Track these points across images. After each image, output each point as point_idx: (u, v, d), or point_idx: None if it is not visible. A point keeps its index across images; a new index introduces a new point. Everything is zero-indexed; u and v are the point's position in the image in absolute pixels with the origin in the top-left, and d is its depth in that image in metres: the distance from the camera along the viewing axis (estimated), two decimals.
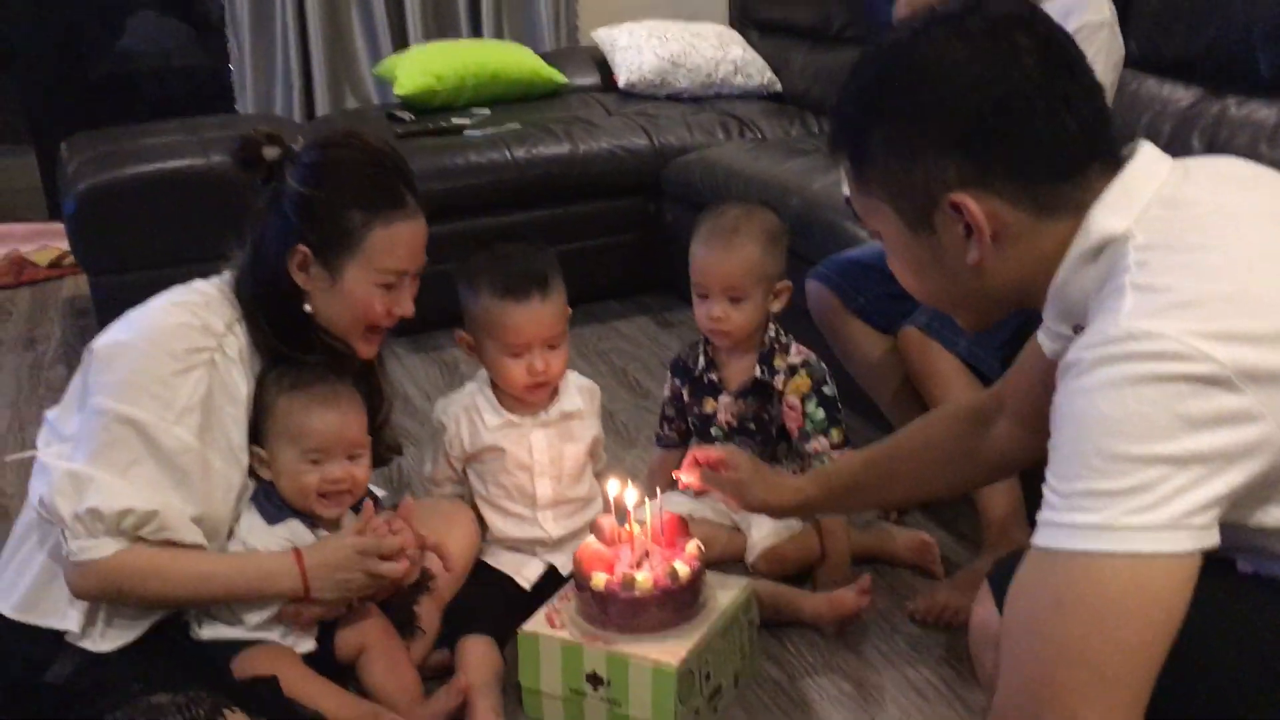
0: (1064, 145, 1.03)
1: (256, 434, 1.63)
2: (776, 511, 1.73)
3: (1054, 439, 0.97)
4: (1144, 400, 0.90)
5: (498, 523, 1.90)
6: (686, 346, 2.14)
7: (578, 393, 1.94)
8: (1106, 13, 1.98)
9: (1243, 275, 0.95)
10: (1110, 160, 1.05)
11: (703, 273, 1.97)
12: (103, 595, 1.51)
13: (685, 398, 2.09)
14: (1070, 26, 1.72)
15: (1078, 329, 1.06)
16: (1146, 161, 1.05)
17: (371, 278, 1.60)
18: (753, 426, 2.02)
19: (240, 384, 1.60)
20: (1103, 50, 1.96)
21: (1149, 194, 1.02)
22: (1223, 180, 1.07)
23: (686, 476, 1.64)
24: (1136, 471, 0.90)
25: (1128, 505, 0.90)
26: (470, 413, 1.89)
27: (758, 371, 2.00)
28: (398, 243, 1.61)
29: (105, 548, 1.47)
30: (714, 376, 2.05)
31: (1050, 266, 1.07)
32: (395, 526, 1.62)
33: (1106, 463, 0.91)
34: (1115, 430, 0.91)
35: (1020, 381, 1.38)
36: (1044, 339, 1.19)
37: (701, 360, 2.06)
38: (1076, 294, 1.06)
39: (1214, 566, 0.94)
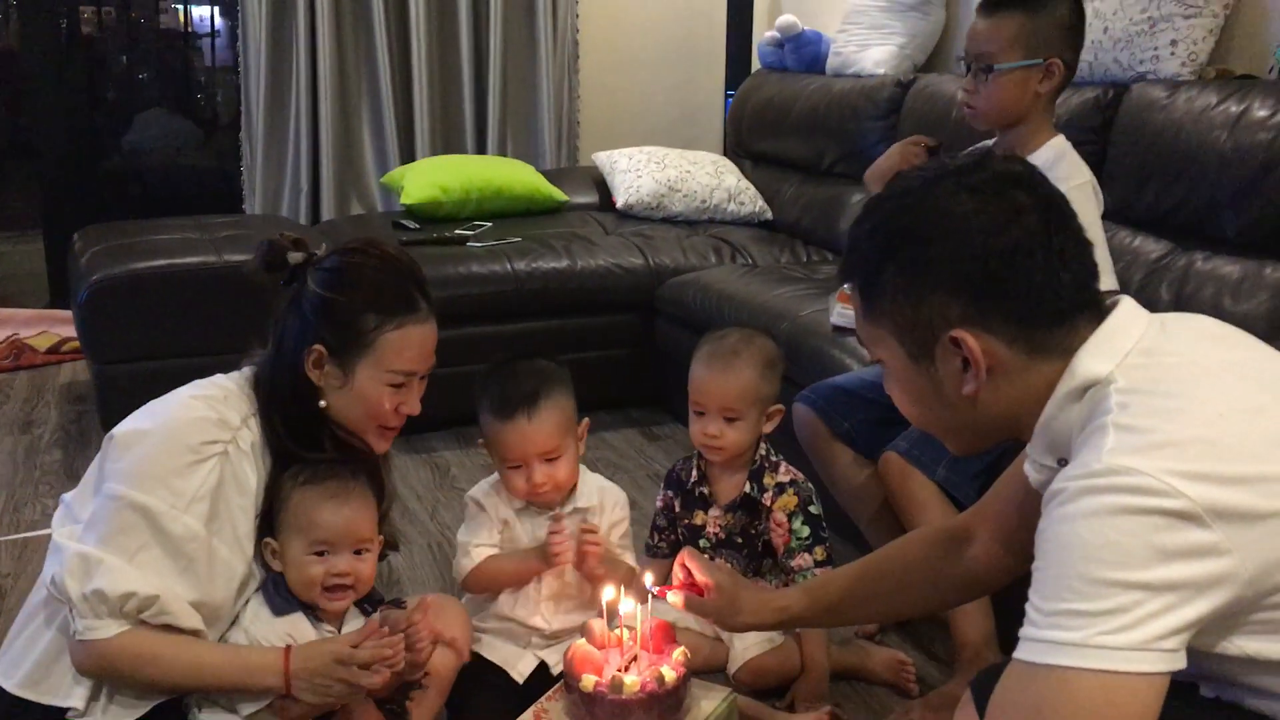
0: (1058, 295, 1.14)
1: (272, 525, 1.68)
2: (760, 629, 1.78)
3: (1038, 561, 1.06)
4: (1122, 530, 0.99)
5: (503, 597, 1.97)
6: (680, 459, 2.23)
7: (595, 491, 2.02)
8: (1087, 174, 2.13)
9: (1214, 423, 1.04)
10: (1096, 311, 1.16)
11: (701, 392, 2.07)
12: (103, 674, 1.55)
13: (676, 509, 2.17)
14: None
15: (1061, 462, 1.15)
16: (1127, 313, 1.16)
17: (382, 377, 1.67)
18: (740, 540, 2.10)
19: (250, 476, 1.65)
20: (1091, 204, 2.11)
21: (1130, 343, 1.13)
22: (1196, 335, 1.18)
23: (673, 597, 1.68)
24: (1113, 595, 0.98)
25: (1104, 626, 0.98)
26: (494, 494, 1.99)
27: (747, 487, 2.09)
28: (407, 345, 1.68)
29: (108, 629, 1.51)
30: (705, 490, 2.13)
31: (1037, 403, 1.16)
32: (383, 642, 1.62)
33: (1086, 585, 0.99)
34: (1095, 556, 0.99)
35: (998, 506, 1.47)
36: (1030, 470, 1.27)
37: (694, 473, 2.14)
38: (1061, 429, 1.15)
39: (1179, 689, 1.02)
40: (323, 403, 1.68)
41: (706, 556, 1.89)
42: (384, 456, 1.83)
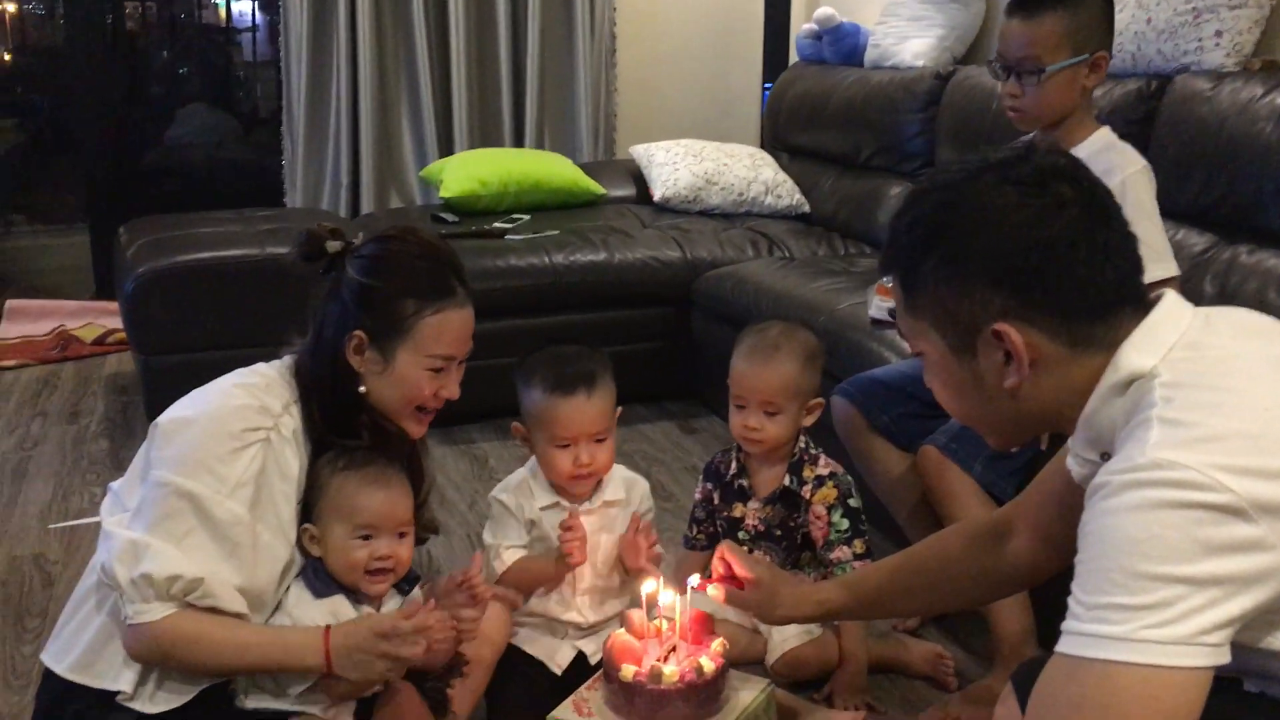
0: (1101, 288, 1.13)
1: (309, 512, 1.71)
2: (799, 622, 1.78)
3: (1081, 555, 1.05)
4: (1166, 524, 0.98)
5: (537, 596, 1.98)
6: (720, 451, 2.23)
7: (622, 484, 2.03)
8: (1141, 160, 2.11)
9: (1259, 417, 1.04)
10: (1140, 304, 1.16)
11: (742, 385, 2.07)
12: (152, 657, 1.58)
13: (715, 501, 2.18)
14: (1114, 181, 1.85)
15: (1104, 456, 1.15)
16: (1171, 307, 1.16)
17: (421, 362, 1.69)
18: (778, 533, 2.11)
19: (292, 462, 1.68)
20: (1148, 190, 2.09)
21: (1174, 336, 1.12)
22: (1240, 329, 1.17)
23: (713, 590, 1.68)
24: (1157, 589, 0.98)
25: (1147, 620, 0.98)
26: (520, 493, 1.99)
27: (787, 480, 2.09)
28: (446, 329, 1.70)
29: (156, 611, 1.54)
30: (744, 483, 2.14)
31: (1079, 397, 1.16)
32: (423, 616, 1.64)
33: (1129, 579, 0.99)
34: (1138, 550, 0.99)
35: (1039, 501, 1.46)
36: (1072, 464, 1.27)
37: (734, 466, 2.15)
38: (1105, 424, 1.15)
39: (1223, 685, 1.02)
40: (363, 388, 1.70)
41: (745, 549, 1.89)
42: (421, 443, 1.85)
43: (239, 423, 1.62)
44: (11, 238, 5.63)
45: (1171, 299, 1.17)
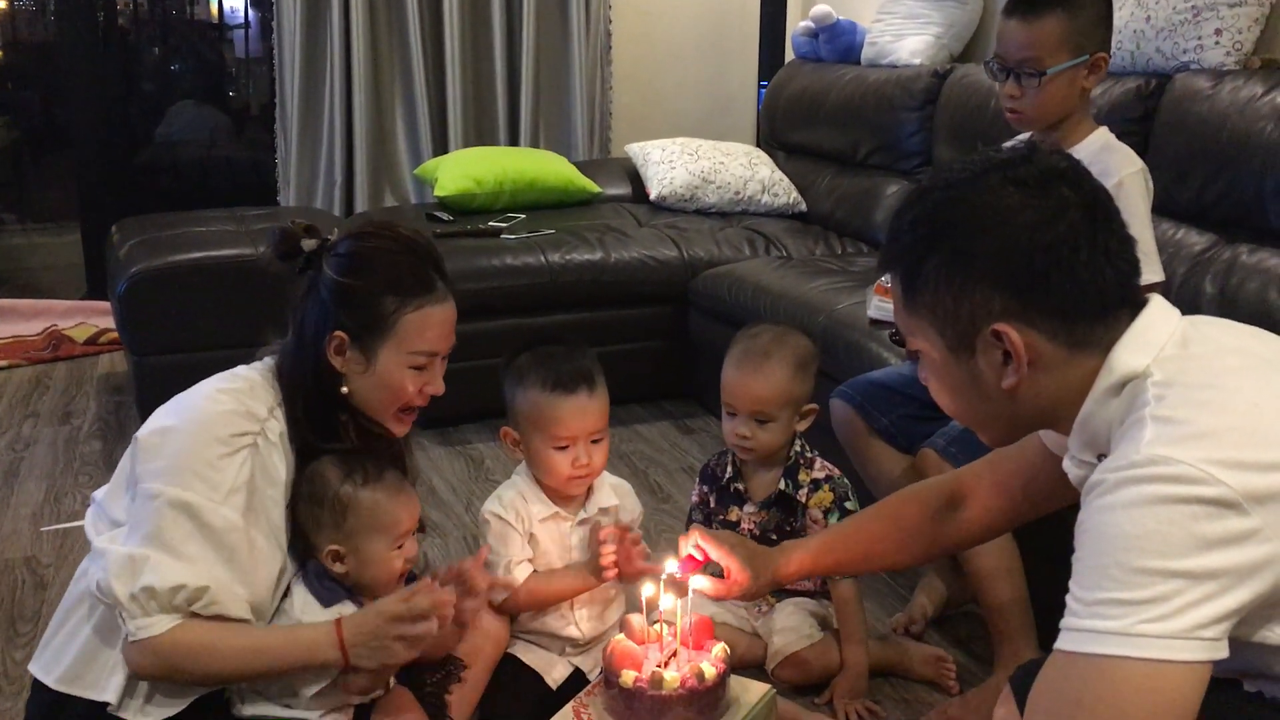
0: (1102, 291, 1.14)
1: (306, 528, 1.66)
2: (785, 580, 1.76)
3: (1078, 553, 1.06)
4: (1162, 519, 1.00)
5: (534, 612, 1.95)
6: (715, 455, 2.22)
7: (612, 490, 2.01)
8: (1139, 162, 2.10)
9: (1250, 411, 1.05)
10: (1134, 306, 1.17)
11: (732, 394, 2.05)
12: (160, 672, 1.55)
13: (711, 504, 2.16)
14: (1111, 182, 1.83)
15: (1101, 457, 1.15)
16: (1159, 309, 1.18)
17: (404, 360, 1.66)
18: (774, 537, 2.09)
19: (279, 466, 1.65)
20: (1143, 193, 2.08)
21: (1164, 337, 1.14)
22: (1224, 330, 1.20)
23: (699, 582, 1.67)
24: (1154, 584, 0.99)
25: (1145, 615, 0.99)
26: (518, 505, 1.94)
27: (782, 484, 2.08)
28: (428, 326, 1.67)
29: (160, 624, 1.51)
30: (740, 486, 2.12)
31: (1075, 396, 1.17)
32: (432, 591, 1.62)
33: (1127, 575, 1.00)
34: (1135, 545, 1.00)
35: (999, 478, 1.53)
36: (1069, 467, 1.27)
37: (729, 469, 2.14)
38: (1100, 425, 1.16)
39: (1221, 685, 1.03)
40: (345, 389, 1.67)
41: (714, 527, 1.86)
42: (406, 438, 1.82)
43: (225, 428, 1.59)
44: (2, 236, 5.60)
45: (1158, 301, 1.19)
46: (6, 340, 4.29)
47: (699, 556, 1.70)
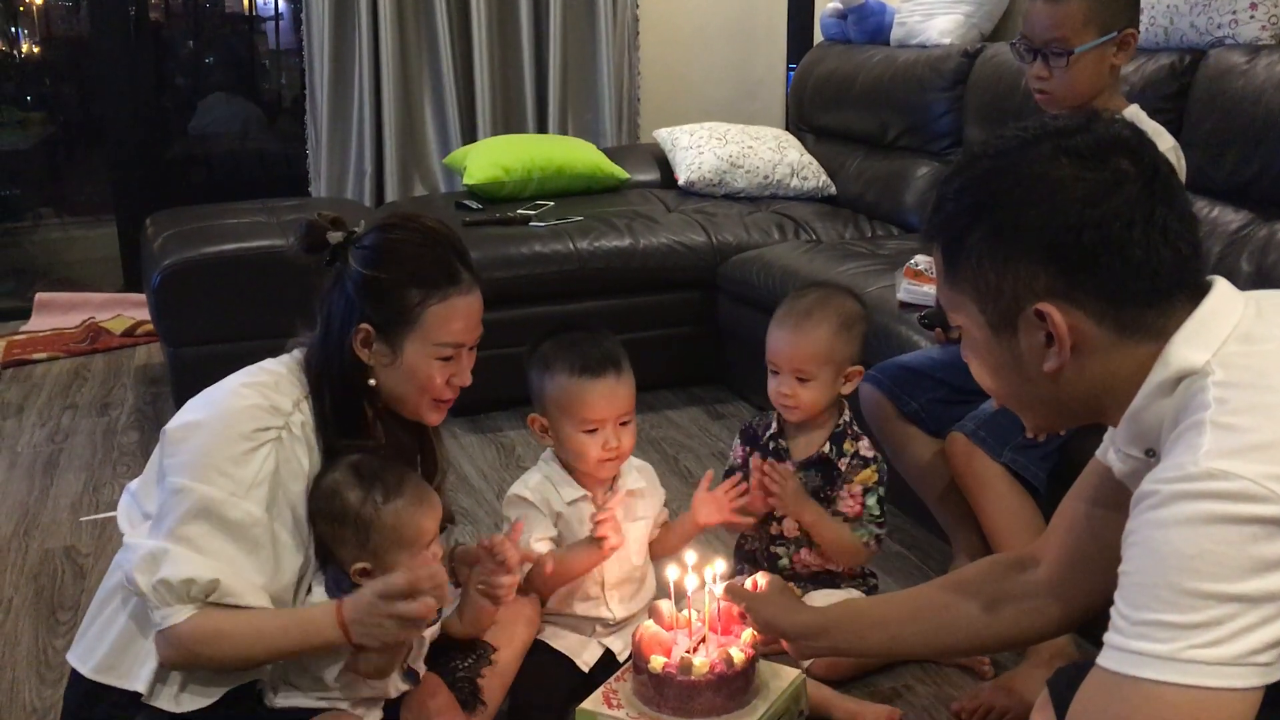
0: (1155, 272, 1.07)
1: (328, 543, 1.65)
2: (787, 632, 1.60)
3: (1125, 566, 1.01)
4: (1217, 539, 0.93)
5: (565, 595, 1.96)
6: (757, 415, 2.21)
7: (637, 473, 2.01)
8: (1170, 139, 2.06)
9: None
10: (1195, 292, 1.08)
11: (774, 351, 2.07)
12: (183, 660, 1.57)
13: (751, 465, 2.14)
14: None
15: (1149, 453, 1.10)
16: (1223, 296, 1.09)
17: (430, 351, 1.66)
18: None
19: (304, 459, 1.65)
20: (1177, 171, 2.04)
21: (1226, 329, 1.05)
22: None
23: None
24: (1206, 608, 0.93)
25: (1195, 640, 0.93)
26: (544, 489, 1.95)
27: (826, 447, 2.08)
28: (453, 317, 1.67)
29: (179, 614, 1.53)
30: (782, 443, 2.13)
31: (1124, 386, 1.10)
32: (423, 570, 1.59)
33: (1177, 596, 0.94)
34: (1188, 566, 0.94)
35: (1065, 525, 1.36)
36: (1114, 460, 1.21)
37: (773, 426, 2.14)
38: (1152, 421, 1.09)
39: (1272, 697, 0.97)
40: (372, 381, 1.68)
41: (741, 579, 1.77)
42: (435, 430, 1.82)
43: (249, 423, 1.60)
44: (41, 230, 5.67)
45: (1223, 288, 1.10)
46: (46, 333, 4.36)
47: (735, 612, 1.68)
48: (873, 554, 2.12)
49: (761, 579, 1.72)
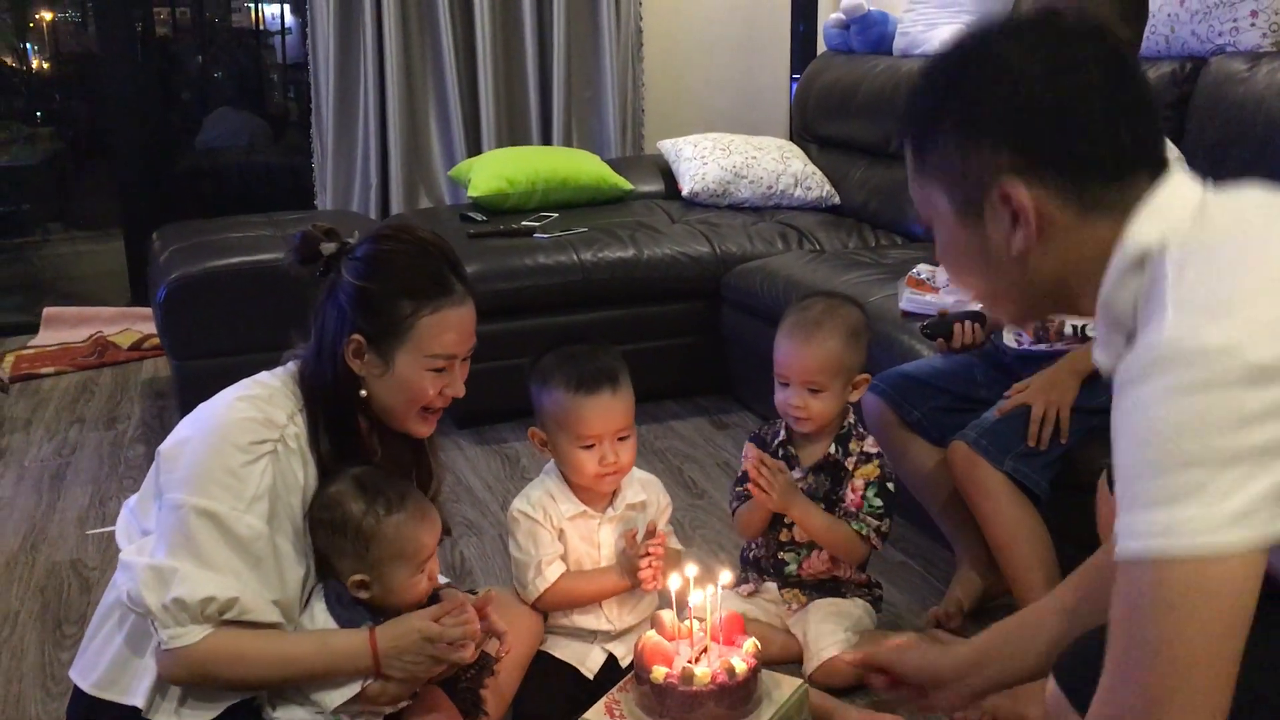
0: (1115, 148, 1.09)
1: (328, 554, 1.66)
2: (941, 672, 1.47)
3: (1114, 452, 1.01)
4: (1195, 405, 0.94)
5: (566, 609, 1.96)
6: (764, 424, 2.21)
7: (640, 486, 2.02)
8: (1174, 150, 2.06)
9: (1274, 273, 0.98)
10: (1155, 170, 1.10)
11: (784, 364, 2.07)
12: (193, 680, 1.57)
13: None
14: None
15: (1130, 337, 1.10)
16: (1181, 179, 1.10)
17: (422, 363, 1.65)
18: (820, 505, 2.09)
19: (300, 472, 1.64)
20: None
21: (1181, 207, 1.07)
22: (1247, 196, 1.11)
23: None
24: (1191, 472, 0.93)
25: (1187, 506, 0.93)
26: (545, 503, 1.96)
27: (832, 449, 2.09)
28: (445, 328, 1.66)
29: (193, 635, 1.53)
30: (791, 450, 2.13)
31: (1090, 267, 1.11)
32: (466, 616, 1.66)
33: (1162, 470, 0.95)
34: (1168, 434, 0.94)
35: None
36: (1098, 355, 1.20)
37: (781, 434, 2.15)
38: (1124, 305, 1.10)
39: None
40: (364, 392, 1.67)
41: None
42: (430, 440, 1.82)
43: (245, 436, 1.59)
44: (49, 245, 5.70)
45: (1180, 174, 1.11)
46: (54, 347, 4.38)
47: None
48: (871, 548, 2.10)
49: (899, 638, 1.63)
